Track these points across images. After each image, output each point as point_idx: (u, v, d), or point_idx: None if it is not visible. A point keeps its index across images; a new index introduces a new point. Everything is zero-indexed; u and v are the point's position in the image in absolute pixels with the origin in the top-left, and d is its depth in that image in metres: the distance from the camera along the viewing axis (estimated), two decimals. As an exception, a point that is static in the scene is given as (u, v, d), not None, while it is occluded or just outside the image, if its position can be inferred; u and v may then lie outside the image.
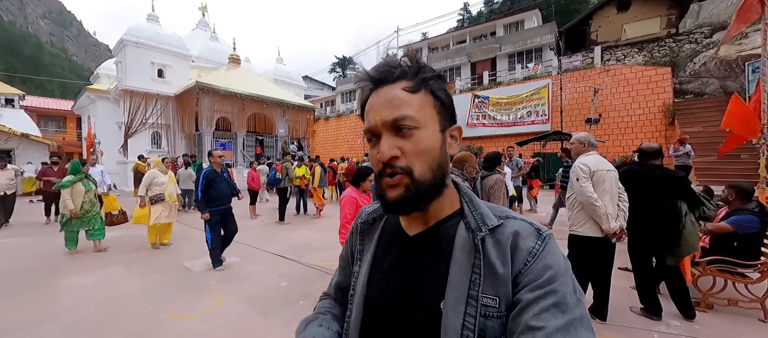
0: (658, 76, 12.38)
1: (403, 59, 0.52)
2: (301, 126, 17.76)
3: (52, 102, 22.51)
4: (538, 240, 0.47)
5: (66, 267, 4.02)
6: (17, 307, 2.95)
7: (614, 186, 2.36)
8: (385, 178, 0.49)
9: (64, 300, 3.11)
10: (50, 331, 2.54)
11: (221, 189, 3.98)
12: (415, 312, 0.50)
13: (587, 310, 0.44)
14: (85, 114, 16.90)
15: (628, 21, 16.30)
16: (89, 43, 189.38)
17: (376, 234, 0.60)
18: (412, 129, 0.48)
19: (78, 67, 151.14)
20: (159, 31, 14.56)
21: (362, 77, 0.53)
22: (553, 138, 11.82)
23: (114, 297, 3.18)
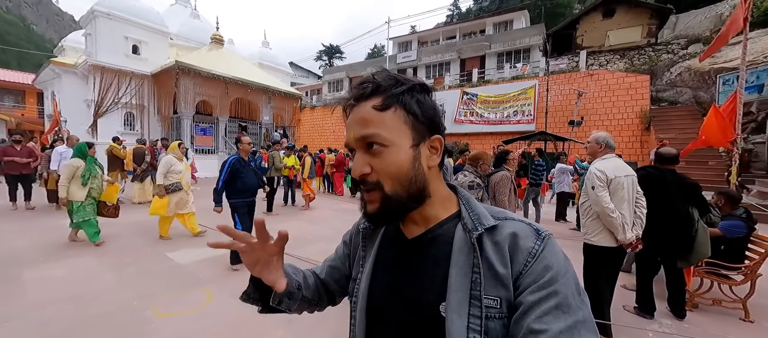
0: (637, 83, 12.94)
1: (376, 75, 0.51)
2: (287, 114, 17.24)
3: (10, 74, 20.44)
4: (538, 240, 0.46)
5: (32, 256, 3.67)
6: (-23, 302, 2.65)
7: (632, 192, 2.23)
8: (363, 192, 0.51)
9: (33, 294, 2.83)
10: (19, 330, 2.29)
11: (249, 180, 3.63)
12: (414, 315, 0.50)
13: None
14: (48, 89, 15.53)
15: (612, 28, 16.89)
16: (51, 12, 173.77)
17: (378, 240, 0.60)
18: (381, 146, 0.48)
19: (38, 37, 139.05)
20: (134, 3, 13.52)
21: (343, 97, 0.54)
22: (539, 138, 12.13)
23: (89, 291, 2.93)
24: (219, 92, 13.81)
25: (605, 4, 17.09)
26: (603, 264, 2.29)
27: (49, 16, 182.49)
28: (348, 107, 0.53)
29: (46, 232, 4.74)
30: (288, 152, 7.48)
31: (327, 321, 2.38)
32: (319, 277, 0.70)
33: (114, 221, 5.52)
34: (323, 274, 0.70)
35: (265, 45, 20.39)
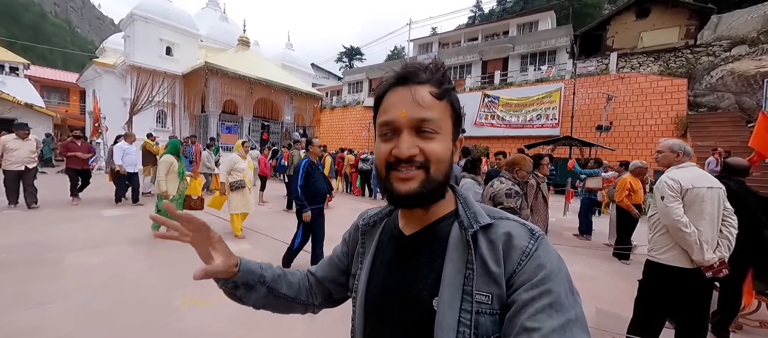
0: (673, 86, 12.20)
1: (432, 64, 0.52)
2: (307, 114, 17.59)
3: (57, 73, 22.21)
4: (531, 240, 0.47)
5: (74, 244, 3.94)
6: (22, 281, 2.87)
7: (717, 207, 1.92)
8: (397, 172, 0.50)
9: (74, 278, 3.04)
10: (63, 310, 2.46)
11: (319, 185, 3.46)
12: (409, 309, 0.51)
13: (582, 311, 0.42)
14: (90, 87, 16.68)
15: (646, 29, 16.04)
16: (93, 16, 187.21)
17: (376, 236, 0.61)
18: (433, 133, 0.49)
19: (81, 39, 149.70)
20: (168, 6, 14.28)
21: (389, 71, 0.53)
22: (564, 143, 11.70)
23: (124, 278, 3.11)
24: (244, 92, 14.31)
25: (639, 4, 16.26)
26: (668, 287, 1.98)
27: (92, 20, 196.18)
28: (390, 84, 0.52)
29: (92, 222, 5.09)
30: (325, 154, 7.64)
31: (347, 320, 2.40)
32: (315, 276, 0.71)
33: (146, 213, 5.85)
34: (320, 272, 0.71)
35: (289, 47, 20.94)
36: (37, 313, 2.40)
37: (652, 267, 2.06)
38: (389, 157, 0.50)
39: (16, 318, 2.32)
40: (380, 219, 0.64)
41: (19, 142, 5.42)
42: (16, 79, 15.55)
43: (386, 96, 0.52)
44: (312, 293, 0.71)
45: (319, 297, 0.71)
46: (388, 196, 0.52)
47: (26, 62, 16.82)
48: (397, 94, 0.51)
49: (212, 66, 12.88)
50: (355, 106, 22.78)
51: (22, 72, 16.32)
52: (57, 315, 2.40)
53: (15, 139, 5.41)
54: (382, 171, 0.52)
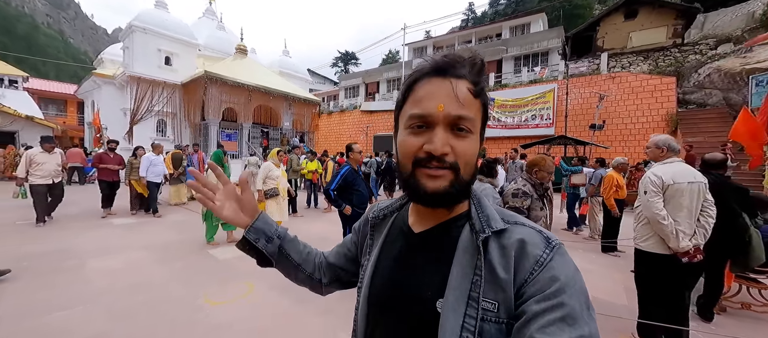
0: (662, 85, 12.57)
1: (470, 58, 0.49)
2: (306, 119, 17.76)
3: (55, 85, 22.22)
4: (547, 249, 0.45)
5: (94, 250, 4.08)
6: (49, 286, 3.02)
7: (695, 201, 2.06)
8: (425, 169, 0.47)
9: (99, 282, 3.19)
10: (92, 312, 2.62)
11: (362, 192, 3.36)
12: (412, 307, 0.50)
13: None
14: (89, 98, 16.75)
15: (634, 29, 16.47)
16: (86, 26, 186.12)
17: (385, 230, 0.61)
18: (467, 132, 0.47)
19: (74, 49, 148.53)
20: (167, 17, 14.45)
21: (427, 61, 0.50)
22: (558, 142, 11.97)
23: (145, 281, 3.26)
24: (243, 99, 14.46)
25: (627, 5, 16.71)
26: (654, 271, 2.18)
27: (85, 30, 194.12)
28: (424, 74, 0.49)
29: (107, 230, 5.21)
30: (311, 156, 7.82)
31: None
32: (327, 260, 0.73)
33: (156, 220, 5.99)
34: (331, 257, 0.73)
35: (285, 53, 21.15)
36: (67, 315, 2.55)
37: (637, 254, 2.27)
38: (419, 152, 0.48)
39: (49, 319, 2.47)
40: (390, 213, 0.63)
41: (45, 155, 5.23)
42: (15, 92, 15.60)
43: (419, 85, 0.49)
44: (320, 270, 0.72)
45: (327, 277, 0.72)
46: (411, 193, 0.51)
47: (25, 75, 16.88)
48: (434, 86, 0.48)
49: (212, 75, 13.05)
50: (353, 111, 22.99)
51: (21, 85, 16.36)
52: (86, 316, 2.55)
53: (41, 153, 5.20)
54: (408, 166, 0.49)
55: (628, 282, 3.43)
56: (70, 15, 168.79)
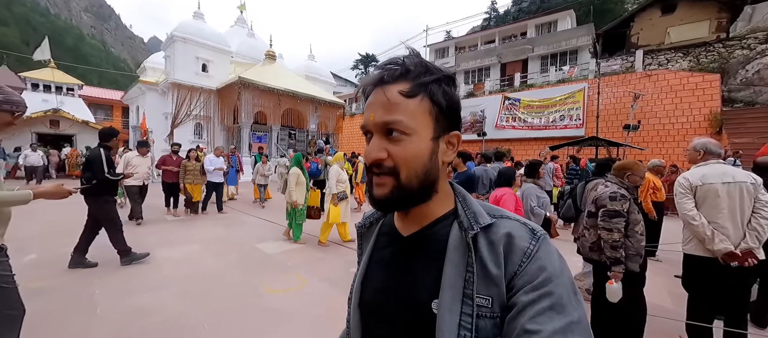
0: (705, 82, 11.86)
1: (407, 59, 0.49)
2: (331, 122, 18.26)
3: (103, 91, 24.28)
4: (533, 240, 0.46)
5: (151, 242, 4.54)
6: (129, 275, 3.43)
7: (738, 202, 2.02)
8: (373, 175, 0.49)
9: (168, 270, 3.58)
10: (170, 294, 2.97)
11: None
12: (407, 312, 0.50)
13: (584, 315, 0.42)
14: (133, 104, 18.13)
15: (673, 24, 15.62)
16: (125, 36, 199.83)
17: (373, 237, 0.61)
18: (402, 134, 0.47)
19: (115, 58, 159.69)
20: (204, 27, 15.40)
21: (369, 77, 0.52)
22: (589, 143, 11.59)
23: (206, 270, 3.61)
24: (273, 103, 15.13)
25: (664, 0, 15.89)
26: (698, 274, 2.18)
27: (124, 40, 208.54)
28: (369, 87, 0.51)
29: (165, 226, 5.74)
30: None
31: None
32: None
33: (203, 217, 6.47)
34: None
35: (311, 58, 21.83)
36: (149, 297, 2.91)
37: (684, 258, 2.28)
38: (366, 160, 0.49)
39: (133, 301, 2.84)
40: (376, 220, 0.63)
41: (140, 158, 5.65)
42: (72, 99, 17.20)
43: (368, 98, 0.51)
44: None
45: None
46: (369, 198, 0.52)
47: (80, 83, 18.57)
48: (373, 96, 0.50)
49: (245, 80, 13.77)
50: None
51: (76, 92, 18.01)
52: (163, 298, 2.90)
53: (136, 156, 5.66)
54: (368, 174, 0.51)
55: (672, 286, 3.39)
56: (111, 26, 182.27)
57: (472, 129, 16.99)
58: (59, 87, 17.12)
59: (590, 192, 2.42)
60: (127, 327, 2.41)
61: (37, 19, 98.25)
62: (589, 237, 2.29)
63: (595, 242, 2.22)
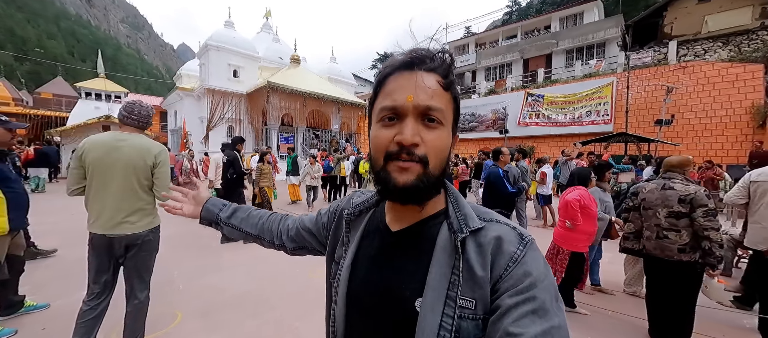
0: (746, 73, 11.21)
1: (440, 53, 0.50)
2: (353, 122, 18.79)
3: (145, 98, 26.25)
4: (520, 245, 0.47)
5: (208, 232, 5.12)
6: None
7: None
8: (396, 162, 0.47)
9: (227, 256, 4.10)
10: (236, 274, 3.45)
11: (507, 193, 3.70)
12: (391, 307, 0.50)
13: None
14: (171, 109, 19.52)
15: (710, 12, 14.76)
16: (157, 44, 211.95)
17: (361, 227, 0.60)
18: (438, 123, 0.48)
19: (148, 65, 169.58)
20: (235, 35, 16.36)
21: (397, 56, 0.51)
22: (618, 139, 11.30)
23: (257, 257, 4.09)
24: (298, 105, 15.84)
25: (701, -14, 15.04)
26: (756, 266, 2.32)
27: (156, 48, 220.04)
28: (395, 68, 0.50)
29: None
30: (368, 158, 8.51)
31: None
32: (297, 228, 0.76)
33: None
34: (300, 230, 0.76)
35: (333, 60, 22.50)
36: (219, 278, 3.41)
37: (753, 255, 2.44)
38: (390, 145, 0.48)
39: (207, 281, 3.34)
40: (366, 209, 0.62)
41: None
42: (118, 106, 18.79)
43: (390, 79, 0.50)
44: (283, 237, 0.77)
45: (291, 243, 0.77)
46: (382, 188, 0.50)
47: (126, 91, 20.23)
48: (404, 78, 0.48)
49: (273, 84, 14.53)
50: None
51: (123, 99, 19.66)
52: (231, 279, 3.39)
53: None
54: (380, 160, 0.49)
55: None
56: (144, 35, 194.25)
57: (494, 126, 16.91)
58: (108, 95, 18.76)
59: (663, 192, 2.24)
60: (208, 300, 2.90)
61: (81, 32, 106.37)
62: (677, 239, 2.13)
63: (689, 243, 2.09)
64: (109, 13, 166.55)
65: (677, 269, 2.16)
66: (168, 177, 1.97)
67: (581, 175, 2.85)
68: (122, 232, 1.80)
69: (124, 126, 1.91)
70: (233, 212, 0.82)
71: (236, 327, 2.47)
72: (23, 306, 2.47)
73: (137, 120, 1.90)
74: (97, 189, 1.80)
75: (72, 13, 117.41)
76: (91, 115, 15.76)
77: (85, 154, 1.79)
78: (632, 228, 2.51)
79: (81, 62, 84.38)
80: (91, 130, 15.50)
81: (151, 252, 1.97)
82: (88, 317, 1.80)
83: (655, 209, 2.25)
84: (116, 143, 1.82)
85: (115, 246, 1.82)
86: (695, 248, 2.08)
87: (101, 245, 1.81)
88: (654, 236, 2.26)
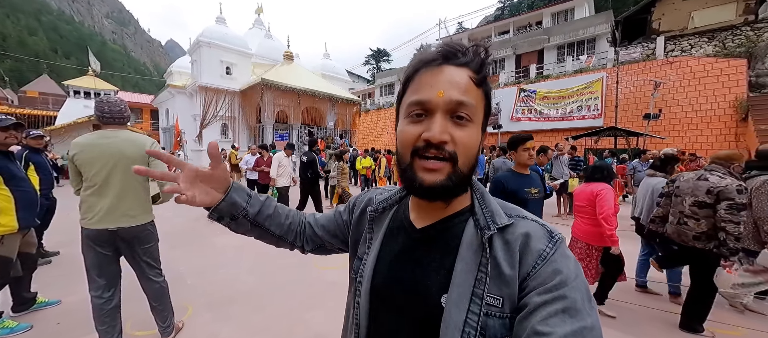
0: (730, 68, 11.59)
1: (475, 47, 0.48)
2: (347, 118, 18.79)
3: (134, 96, 25.75)
4: (550, 243, 0.46)
5: (209, 230, 5.16)
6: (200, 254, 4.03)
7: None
8: (424, 160, 0.47)
9: (229, 254, 4.16)
10: (240, 272, 3.52)
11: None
12: (417, 303, 0.50)
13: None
14: (163, 107, 19.22)
15: (697, 8, 15.14)
16: (144, 40, 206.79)
17: (385, 224, 0.60)
18: (468, 120, 0.47)
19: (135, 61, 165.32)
20: (227, 32, 16.14)
21: (428, 49, 0.49)
22: (607, 133, 11.61)
23: (262, 253, 4.16)
24: (293, 103, 15.77)
25: (688, -17, 15.39)
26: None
27: (143, 43, 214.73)
28: (425, 62, 0.48)
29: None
30: (365, 154, 8.61)
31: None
32: (313, 228, 0.73)
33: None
34: (318, 229, 0.73)
35: (326, 57, 22.37)
36: (224, 273, 3.48)
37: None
38: (418, 141, 0.47)
39: (213, 276, 3.40)
40: (390, 206, 0.61)
41: (287, 159, 5.77)
42: (107, 104, 18.39)
43: (420, 74, 0.48)
44: (304, 238, 0.73)
45: (310, 245, 0.74)
46: (408, 185, 0.50)
47: (116, 89, 19.83)
48: (435, 73, 0.47)
49: (268, 81, 14.43)
50: (390, 108, 23.65)
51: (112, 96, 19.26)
52: (236, 274, 3.46)
53: (285, 157, 5.75)
54: (406, 156, 0.48)
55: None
56: (130, 31, 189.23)
57: (488, 122, 17.10)
58: (98, 93, 18.36)
59: (696, 182, 2.30)
60: (217, 294, 2.97)
61: (64, 27, 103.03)
62: (695, 227, 2.23)
63: (705, 231, 2.19)
64: (93, 7, 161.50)
65: (691, 254, 2.30)
66: (165, 167, 2.02)
67: (606, 169, 2.66)
68: (122, 225, 1.85)
69: (105, 125, 1.90)
70: (260, 208, 0.67)
71: (247, 319, 2.55)
72: (36, 302, 2.51)
73: (111, 116, 1.88)
74: (98, 186, 1.83)
75: (54, 8, 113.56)
76: (81, 114, 15.45)
77: (76, 156, 1.82)
78: (660, 213, 2.64)
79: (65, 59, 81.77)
80: (81, 129, 15.20)
81: (152, 242, 2.04)
82: (106, 308, 1.87)
83: (683, 197, 2.35)
84: (105, 140, 1.84)
85: (116, 240, 1.88)
86: (711, 237, 2.17)
87: (101, 239, 1.84)
88: (675, 221, 2.40)
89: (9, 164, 2.17)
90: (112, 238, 1.86)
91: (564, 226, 6.06)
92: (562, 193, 6.61)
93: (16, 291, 2.38)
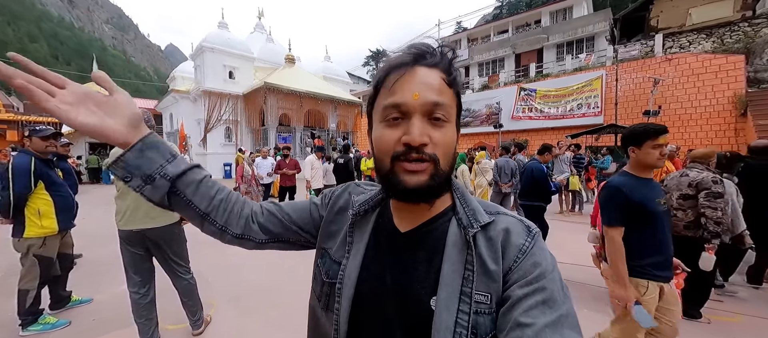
0: (728, 64, 11.71)
1: (444, 49, 0.49)
2: (349, 120, 18.94)
3: (138, 101, 25.91)
4: (528, 237, 0.48)
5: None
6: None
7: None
8: (405, 163, 0.46)
9: (240, 256, 4.30)
10: (254, 273, 3.68)
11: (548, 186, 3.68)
12: (406, 309, 0.49)
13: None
14: (167, 112, 19.39)
15: (695, 4, 15.26)
16: (144, 45, 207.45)
17: (368, 228, 0.57)
18: (444, 120, 0.47)
19: (135, 66, 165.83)
20: (229, 36, 16.32)
21: (396, 53, 0.49)
22: (608, 131, 11.73)
23: (267, 258, 4.31)
24: (295, 105, 15.93)
25: (685, -20, 15.52)
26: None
27: (142, 48, 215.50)
28: (396, 65, 0.48)
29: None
30: (368, 155, 8.76)
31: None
32: (270, 219, 0.63)
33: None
34: (289, 215, 0.64)
35: (327, 59, 22.53)
36: (240, 269, 3.63)
37: None
38: (397, 146, 0.46)
39: (231, 272, 3.55)
40: (371, 208, 0.58)
41: (319, 162, 6.07)
42: (112, 110, 18.62)
43: (392, 76, 0.47)
44: (247, 225, 0.61)
45: (264, 235, 0.63)
46: (391, 190, 0.49)
47: (119, 95, 20.00)
48: (407, 75, 0.46)
49: (271, 85, 14.59)
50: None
51: (116, 103, 19.46)
52: (250, 269, 3.63)
53: (317, 160, 6.02)
54: (386, 162, 0.48)
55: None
56: (130, 36, 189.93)
57: (488, 121, 17.26)
58: (101, 99, 18.58)
59: (680, 179, 2.59)
60: (238, 291, 3.11)
61: (64, 34, 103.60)
62: (683, 217, 2.49)
63: (693, 221, 2.43)
64: (92, 14, 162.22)
65: (683, 243, 2.50)
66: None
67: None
68: (146, 226, 1.99)
69: None
70: (186, 171, 0.55)
71: (268, 313, 2.70)
72: (70, 300, 2.66)
73: None
74: (120, 190, 1.98)
75: (54, 15, 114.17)
76: (86, 120, 15.66)
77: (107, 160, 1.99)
78: None
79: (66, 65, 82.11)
80: (86, 135, 15.36)
81: (178, 242, 2.16)
82: (142, 303, 2.02)
83: (671, 192, 2.60)
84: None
85: (145, 240, 2.02)
86: (699, 226, 2.39)
87: (132, 239, 1.99)
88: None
89: (49, 171, 2.33)
90: (141, 239, 2.01)
91: (568, 223, 6.21)
92: (563, 191, 6.78)
93: (54, 289, 2.53)
